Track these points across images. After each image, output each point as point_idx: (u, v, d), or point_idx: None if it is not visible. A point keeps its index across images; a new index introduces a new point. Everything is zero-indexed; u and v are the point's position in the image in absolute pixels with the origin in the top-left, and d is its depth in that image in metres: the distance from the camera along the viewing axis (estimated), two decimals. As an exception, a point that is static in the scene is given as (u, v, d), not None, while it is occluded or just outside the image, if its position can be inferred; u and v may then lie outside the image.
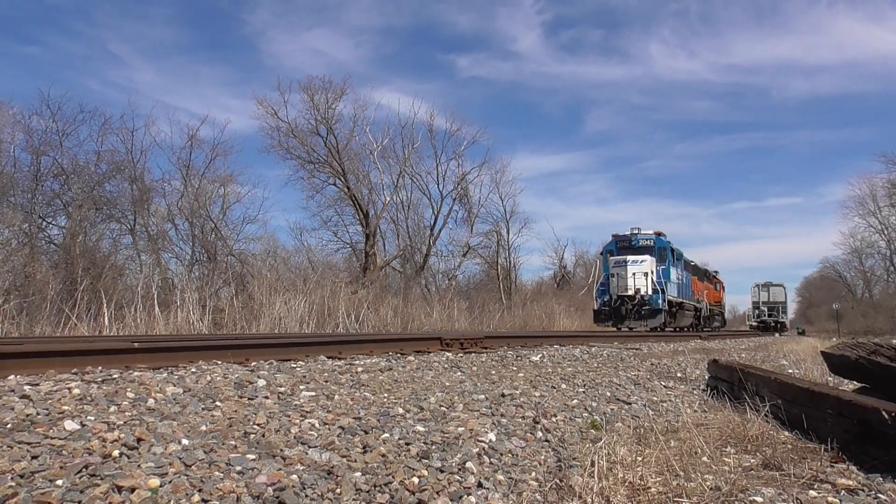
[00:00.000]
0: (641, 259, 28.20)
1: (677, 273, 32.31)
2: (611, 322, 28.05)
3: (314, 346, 7.17)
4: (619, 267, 28.46)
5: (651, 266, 28.17)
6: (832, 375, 7.25)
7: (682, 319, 32.93)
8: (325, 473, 2.81)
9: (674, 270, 31.07)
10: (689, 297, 35.86)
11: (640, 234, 30.22)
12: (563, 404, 5.09)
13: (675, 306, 30.84)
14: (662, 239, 30.69)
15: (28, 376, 4.02)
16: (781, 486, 3.16)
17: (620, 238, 30.77)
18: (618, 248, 30.10)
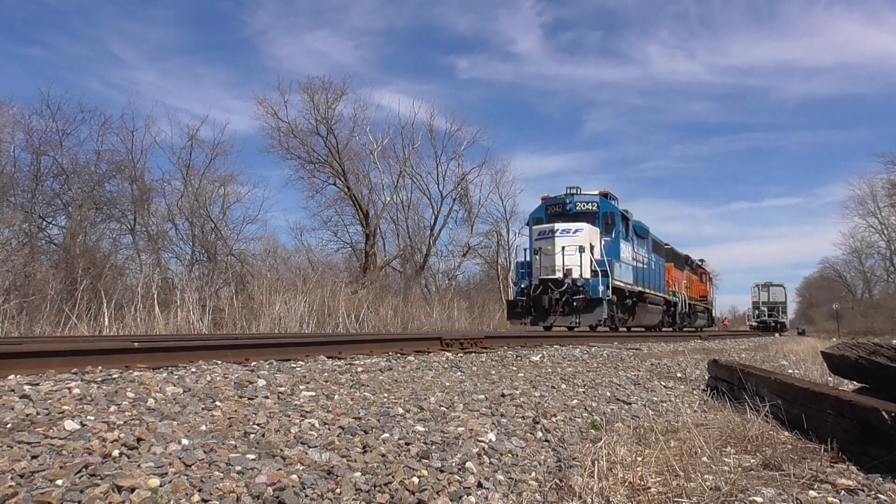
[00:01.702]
0: (576, 229, 20.32)
1: (635, 252, 24.60)
2: (528, 319, 20.42)
3: (314, 346, 7.17)
4: (544, 240, 20.60)
5: (590, 238, 20.44)
6: (832, 376, 7.26)
7: (643, 316, 25.19)
8: (325, 473, 2.81)
9: (627, 247, 23.06)
10: (658, 288, 28.32)
11: (578, 196, 22.38)
12: (563, 404, 5.09)
13: (630, 297, 23.20)
14: (610, 203, 22.75)
15: (28, 376, 4.02)
16: (781, 487, 3.16)
17: (551, 201, 22.95)
18: (548, 216, 22.36)
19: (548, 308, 19.72)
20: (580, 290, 19.58)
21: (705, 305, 46.55)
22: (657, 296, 27.75)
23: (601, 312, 19.61)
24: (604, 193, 23.01)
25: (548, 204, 23.05)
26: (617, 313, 21.99)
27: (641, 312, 24.83)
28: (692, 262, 42.95)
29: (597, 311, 19.54)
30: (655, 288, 27.68)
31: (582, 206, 22.13)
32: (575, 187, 22.87)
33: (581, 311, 19.53)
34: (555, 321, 19.94)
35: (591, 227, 20.91)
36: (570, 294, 19.61)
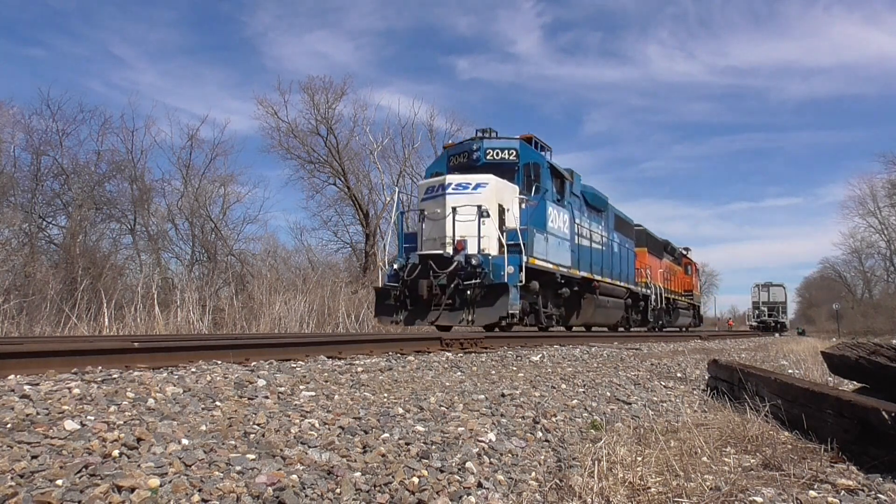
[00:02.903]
0: (478, 182, 14.71)
1: (582, 225, 18.92)
2: (401, 316, 14.58)
3: (314, 345, 7.16)
4: (431, 199, 15.08)
5: (498, 196, 14.89)
6: (832, 376, 7.26)
7: (593, 311, 19.79)
8: (325, 473, 2.81)
9: (561, 215, 17.10)
10: (621, 276, 22.87)
11: (490, 141, 16.62)
12: (563, 404, 5.09)
13: (569, 285, 17.60)
14: (536, 151, 16.89)
15: (28, 376, 4.02)
16: (781, 487, 3.16)
17: (455, 149, 17.36)
18: (449, 169, 16.67)
19: (427, 298, 13.96)
20: (475, 272, 13.68)
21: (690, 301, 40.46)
22: (617, 286, 22.24)
23: (507, 305, 13.47)
24: (526, 138, 16.90)
25: (450, 153, 17.29)
26: (544, 307, 16.64)
27: (590, 307, 19.42)
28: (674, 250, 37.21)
29: (500, 302, 13.43)
30: (616, 276, 22.23)
31: (494, 154, 16.45)
32: (488, 129, 16.98)
33: (476, 301, 13.64)
34: (438, 318, 13.99)
35: (503, 183, 15.21)
36: (463, 277, 13.74)
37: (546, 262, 15.85)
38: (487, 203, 14.45)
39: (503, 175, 15.62)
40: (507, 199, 15.22)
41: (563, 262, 16.99)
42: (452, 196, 14.55)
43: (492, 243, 14.43)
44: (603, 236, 21.28)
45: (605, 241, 21.45)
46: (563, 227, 17.33)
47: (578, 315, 19.34)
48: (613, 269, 22.16)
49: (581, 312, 19.30)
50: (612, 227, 22.74)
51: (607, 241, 21.83)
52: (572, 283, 17.97)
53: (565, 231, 17.42)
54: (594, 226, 20.50)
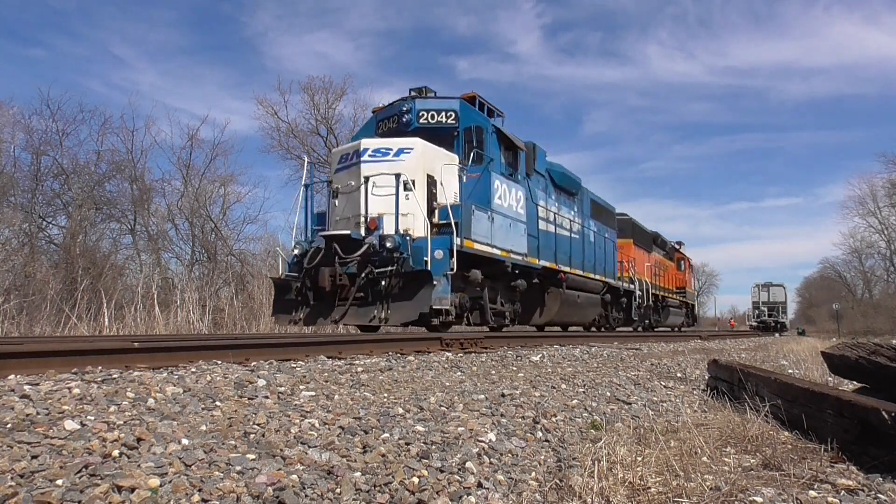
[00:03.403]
0: (400, 148, 12.35)
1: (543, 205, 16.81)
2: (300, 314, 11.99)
3: (314, 345, 7.16)
4: (344, 170, 12.80)
5: (426, 165, 12.46)
6: (832, 376, 7.26)
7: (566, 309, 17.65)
8: (325, 473, 2.81)
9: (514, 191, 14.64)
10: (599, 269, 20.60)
11: (424, 101, 14.19)
12: (563, 404, 5.09)
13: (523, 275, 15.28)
14: (479, 114, 14.43)
15: (28, 376, 4.02)
16: (781, 487, 3.16)
17: (384, 113, 14.86)
18: (378, 136, 14.26)
19: (331, 290, 11.38)
20: (392, 258, 11.18)
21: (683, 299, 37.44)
22: (591, 279, 19.67)
23: (430, 298, 10.90)
24: (469, 97, 14.51)
25: (379, 118, 14.85)
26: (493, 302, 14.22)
27: (555, 303, 17.00)
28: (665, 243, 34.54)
29: (421, 295, 10.77)
30: (591, 268, 19.74)
31: (429, 116, 13.94)
32: (423, 87, 14.43)
33: (391, 295, 11.08)
34: (344, 316, 11.40)
35: (433, 149, 12.71)
36: (377, 264, 11.22)
37: (491, 246, 13.30)
38: (411, 172, 11.87)
39: (441, 142, 13.19)
40: (440, 170, 12.53)
41: (515, 249, 14.41)
42: (368, 165, 12.03)
43: (417, 222, 11.80)
44: (575, 223, 18.93)
45: (577, 229, 19.06)
46: (517, 206, 14.63)
47: (542, 312, 17.00)
48: (587, 260, 19.62)
49: (545, 309, 16.98)
50: (587, 214, 20.39)
51: (580, 228, 19.43)
52: (530, 275, 15.53)
53: (519, 211, 14.72)
54: (563, 210, 18.26)
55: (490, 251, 13.36)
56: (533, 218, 15.94)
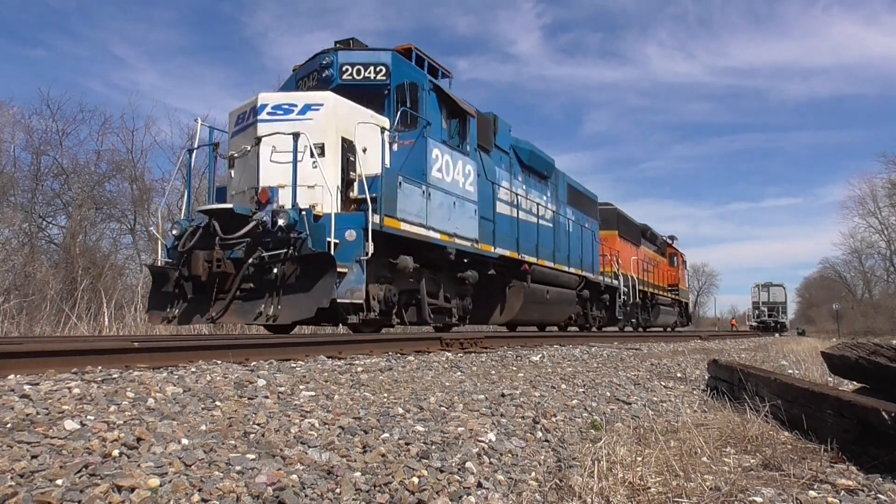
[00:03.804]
0: (307, 104, 10.35)
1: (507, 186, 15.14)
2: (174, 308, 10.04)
3: (314, 345, 7.16)
4: (241, 132, 10.75)
5: (341, 126, 10.51)
6: (832, 376, 7.26)
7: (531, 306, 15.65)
8: (325, 473, 2.81)
9: (460, 164, 12.60)
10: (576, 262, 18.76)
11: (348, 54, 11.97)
12: (563, 404, 5.09)
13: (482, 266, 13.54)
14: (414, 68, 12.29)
15: (28, 376, 4.02)
16: (781, 487, 3.16)
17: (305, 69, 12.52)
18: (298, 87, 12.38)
19: (207, 279, 9.31)
20: (288, 238, 9.14)
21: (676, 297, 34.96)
22: (565, 273, 17.61)
23: (331, 288, 8.81)
24: (403, 49, 12.32)
25: (298, 76, 12.56)
26: (432, 296, 12.22)
27: (517, 298, 14.99)
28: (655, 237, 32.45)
29: (321, 285, 8.72)
30: (563, 260, 17.64)
31: (354, 71, 11.64)
32: (350, 39, 12.32)
33: (284, 285, 9.01)
34: (223, 313, 9.31)
35: (350, 107, 10.59)
36: (269, 246, 9.22)
37: (426, 228, 11.15)
38: (319, 134, 9.88)
39: (369, 102, 11.12)
40: (362, 133, 10.36)
41: (462, 233, 12.27)
42: (266, 124, 9.93)
43: (327, 196, 9.67)
44: (546, 209, 17.10)
45: (549, 216, 17.26)
46: (464, 182, 12.50)
47: (504, 308, 15.00)
48: (560, 251, 17.67)
49: (506, 306, 14.95)
50: (563, 200, 18.75)
51: (554, 216, 17.63)
52: (485, 265, 13.51)
53: (467, 189, 12.59)
54: (532, 194, 16.48)
55: (425, 234, 11.15)
56: (489, 199, 13.82)
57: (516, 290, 15.11)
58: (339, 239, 9.33)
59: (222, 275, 9.29)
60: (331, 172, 9.98)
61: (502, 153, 15.23)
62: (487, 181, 14.02)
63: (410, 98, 11.56)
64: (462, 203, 12.53)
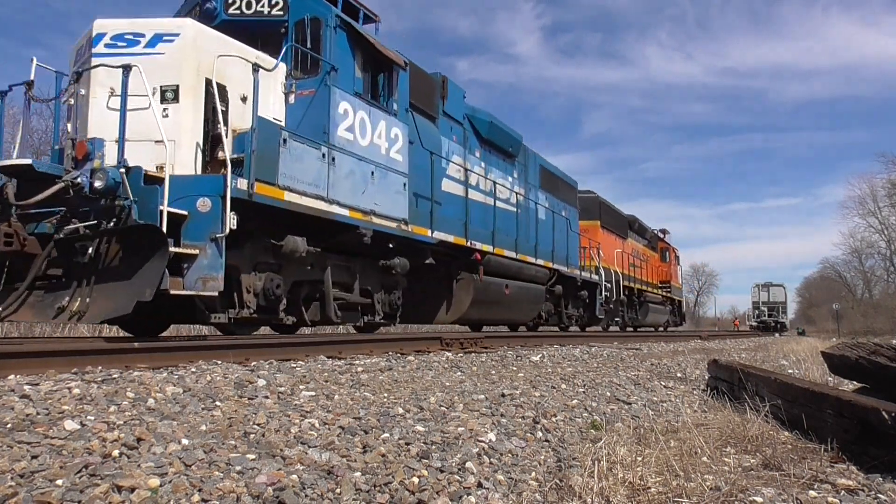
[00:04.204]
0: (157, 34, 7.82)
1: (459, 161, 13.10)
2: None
3: (314, 345, 7.16)
4: (79, 72, 7.89)
5: (204, 64, 7.82)
6: (832, 376, 7.25)
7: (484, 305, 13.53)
8: (325, 473, 2.81)
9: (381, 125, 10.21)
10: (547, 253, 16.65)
11: None
12: (563, 404, 5.09)
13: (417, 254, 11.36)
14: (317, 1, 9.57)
15: (28, 376, 4.02)
16: (781, 487, 3.16)
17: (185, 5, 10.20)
18: None
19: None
20: (112, 207, 6.85)
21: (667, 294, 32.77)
22: (529, 265, 15.41)
23: (160, 272, 6.41)
24: None
25: (178, 13, 10.09)
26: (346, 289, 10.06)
27: (466, 293, 12.75)
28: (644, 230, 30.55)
29: (145, 272, 6.42)
30: (529, 250, 15.50)
31: (243, 4, 9.59)
32: None
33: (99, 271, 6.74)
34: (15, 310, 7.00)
35: (218, 40, 8.32)
36: (90, 218, 7.01)
37: (328, 202, 8.80)
38: (172, 72, 7.76)
39: (265, 44, 9.08)
40: (238, 75, 8.18)
41: (384, 210, 9.97)
42: (102, 58, 7.61)
43: (182, 154, 7.68)
44: (512, 192, 15.06)
45: (514, 199, 15.16)
46: (389, 148, 10.18)
47: (449, 307, 12.87)
48: (526, 239, 15.55)
49: (453, 302, 12.79)
50: (534, 184, 16.67)
51: (521, 200, 15.58)
52: (420, 252, 11.29)
53: (393, 157, 10.25)
54: (494, 173, 14.36)
55: (324, 208, 8.70)
56: (425, 172, 11.34)
57: (465, 284, 12.81)
58: (188, 209, 7.13)
59: (22, 255, 6.97)
60: (187, 123, 7.72)
61: (454, 123, 12.91)
62: (425, 151, 11.42)
63: (311, 36, 9.20)
64: (384, 174, 10.09)
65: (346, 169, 9.24)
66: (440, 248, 11.89)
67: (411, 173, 10.84)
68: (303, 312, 9.33)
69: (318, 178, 8.66)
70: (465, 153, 13.36)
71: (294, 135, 8.34)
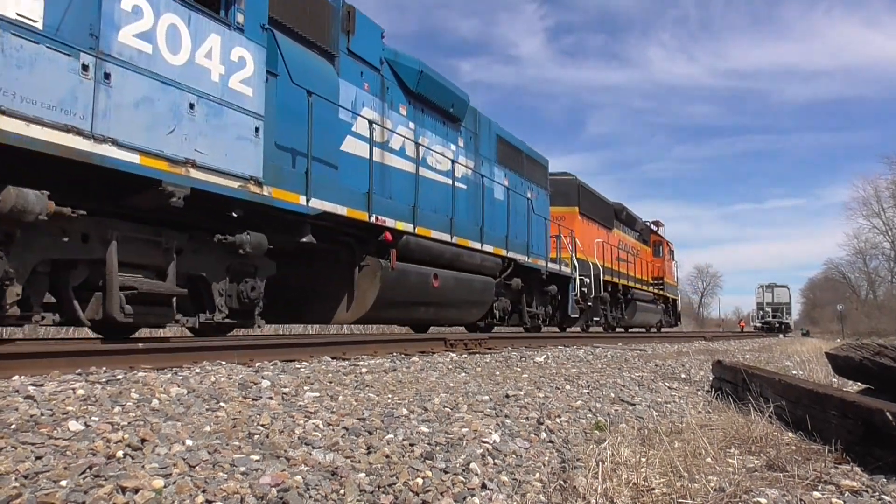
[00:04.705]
0: None
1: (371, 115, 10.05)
2: None
3: (318, 346, 7.17)
4: None
5: None
6: (836, 377, 7.24)
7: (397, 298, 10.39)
8: (329, 474, 2.81)
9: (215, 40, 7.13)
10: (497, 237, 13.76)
11: None
12: (567, 405, 5.09)
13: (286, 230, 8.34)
14: None
15: (32, 377, 4.03)
16: (785, 488, 3.15)
17: None
18: None
19: None
20: None
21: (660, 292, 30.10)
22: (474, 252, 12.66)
23: None
24: None
25: None
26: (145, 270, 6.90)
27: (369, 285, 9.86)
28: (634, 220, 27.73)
29: None
30: (473, 233, 12.68)
31: None
32: None
33: None
34: None
35: None
36: None
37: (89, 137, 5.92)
38: None
39: None
40: None
41: (213, 162, 7.09)
42: None
43: None
44: (454, 163, 12.30)
45: (459, 173, 12.51)
46: (225, 76, 7.30)
47: (350, 302, 9.86)
48: (469, 221, 12.78)
49: (355, 297, 9.83)
50: (488, 157, 14.06)
51: (471, 175, 13.10)
52: (294, 228, 8.47)
53: (235, 89, 7.42)
54: (427, 137, 11.69)
55: (84, 147, 5.86)
56: (299, 118, 8.31)
57: (370, 273, 9.80)
58: None
59: None
60: None
61: (365, 67, 10.23)
62: (299, 89, 8.24)
63: None
64: (217, 111, 7.17)
65: (136, 94, 6.37)
66: (327, 224, 9.04)
67: (273, 117, 7.92)
68: (75, 309, 6.33)
69: (71, 100, 5.80)
70: (384, 107, 10.56)
71: (15, 26, 5.38)
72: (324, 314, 10.18)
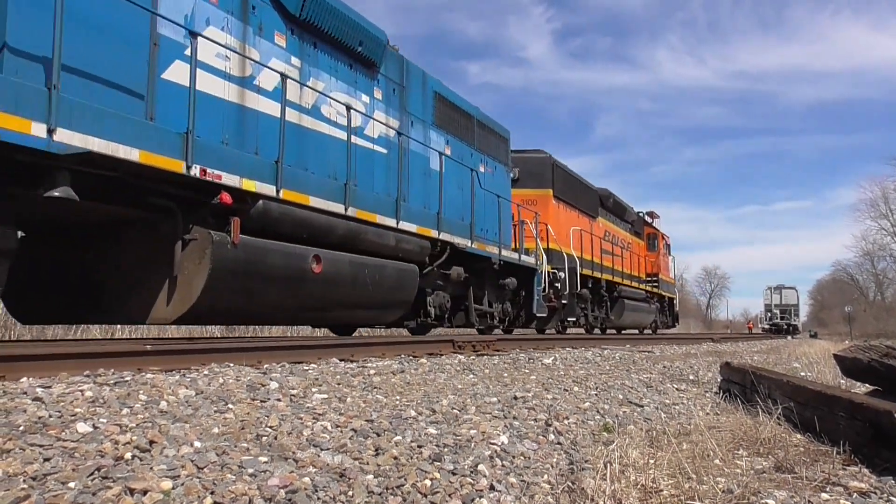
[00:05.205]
0: None
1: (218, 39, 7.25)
2: None
3: (326, 348, 7.16)
4: None
5: None
6: (845, 378, 7.21)
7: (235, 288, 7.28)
8: (338, 476, 2.81)
9: None
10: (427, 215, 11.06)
11: None
12: (575, 407, 5.08)
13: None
14: None
15: (40, 379, 4.04)
16: (793, 489, 3.15)
17: None
18: None
19: None
20: None
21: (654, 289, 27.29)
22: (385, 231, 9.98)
23: None
24: None
25: None
26: None
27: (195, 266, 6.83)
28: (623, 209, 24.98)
29: None
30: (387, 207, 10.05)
31: None
32: None
33: None
34: None
35: None
36: None
37: None
38: None
39: None
40: None
41: None
42: None
43: None
44: (363, 116, 9.94)
45: (370, 129, 10.13)
46: None
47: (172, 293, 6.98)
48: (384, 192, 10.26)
49: (177, 285, 6.94)
50: (421, 117, 11.60)
51: (392, 136, 10.58)
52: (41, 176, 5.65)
53: None
54: (320, 78, 9.21)
55: None
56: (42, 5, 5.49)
57: (196, 251, 7.00)
58: None
59: None
60: None
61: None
62: None
63: None
64: None
65: None
66: (114, 174, 6.25)
67: None
68: None
69: None
70: (246, 31, 7.96)
71: None
72: (135, 310, 7.21)
